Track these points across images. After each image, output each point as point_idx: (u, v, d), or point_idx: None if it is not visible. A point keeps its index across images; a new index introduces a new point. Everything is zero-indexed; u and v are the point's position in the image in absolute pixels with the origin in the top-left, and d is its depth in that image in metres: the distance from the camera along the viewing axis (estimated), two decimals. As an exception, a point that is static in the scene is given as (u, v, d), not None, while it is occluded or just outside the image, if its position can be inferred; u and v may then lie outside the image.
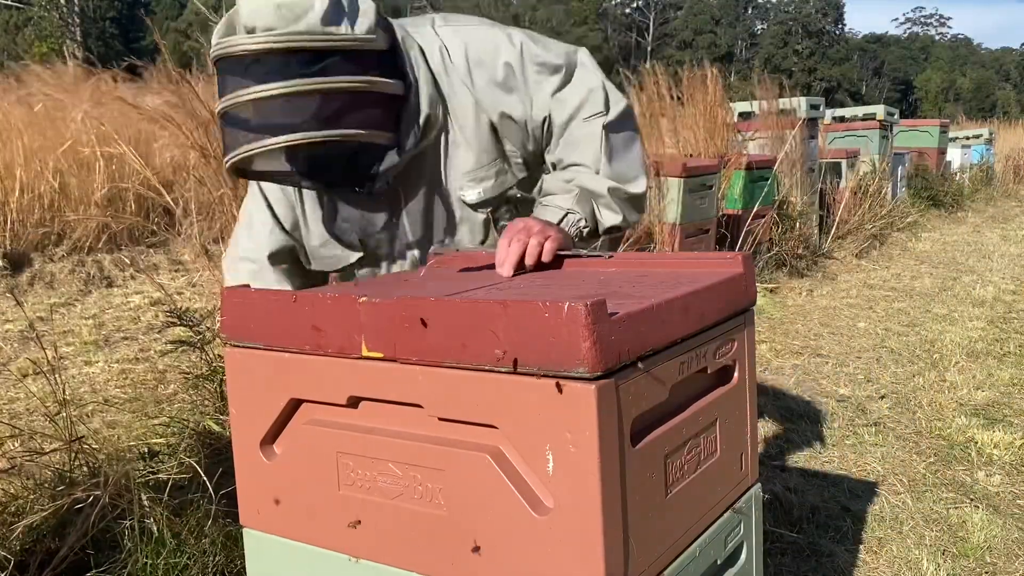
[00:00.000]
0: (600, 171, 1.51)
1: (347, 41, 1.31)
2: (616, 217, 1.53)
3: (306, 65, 1.29)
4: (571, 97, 1.52)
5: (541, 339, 0.88)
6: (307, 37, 1.28)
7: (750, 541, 1.22)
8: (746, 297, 1.19)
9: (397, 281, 1.35)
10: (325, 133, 1.31)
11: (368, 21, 1.34)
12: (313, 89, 1.29)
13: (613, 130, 1.52)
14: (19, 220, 5.34)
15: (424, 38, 1.49)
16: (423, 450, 0.99)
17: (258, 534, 1.16)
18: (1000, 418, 3.22)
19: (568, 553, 0.90)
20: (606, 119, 1.52)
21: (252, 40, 1.27)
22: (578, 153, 1.52)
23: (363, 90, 1.34)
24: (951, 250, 7.52)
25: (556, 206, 1.48)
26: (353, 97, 1.33)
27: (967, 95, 62.23)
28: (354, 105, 1.34)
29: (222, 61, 1.32)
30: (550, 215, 1.47)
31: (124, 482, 1.90)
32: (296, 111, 1.30)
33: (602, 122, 1.52)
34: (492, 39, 1.52)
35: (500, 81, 1.49)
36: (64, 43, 31.62)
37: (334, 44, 1.30)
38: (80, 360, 3.75)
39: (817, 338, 4.46)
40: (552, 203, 1.49)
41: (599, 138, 1.51)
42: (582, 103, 1.52)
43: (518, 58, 1.50)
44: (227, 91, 1.31)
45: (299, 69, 1.28)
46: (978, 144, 12.84)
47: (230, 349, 1.14)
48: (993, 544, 2.26)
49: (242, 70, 1.30)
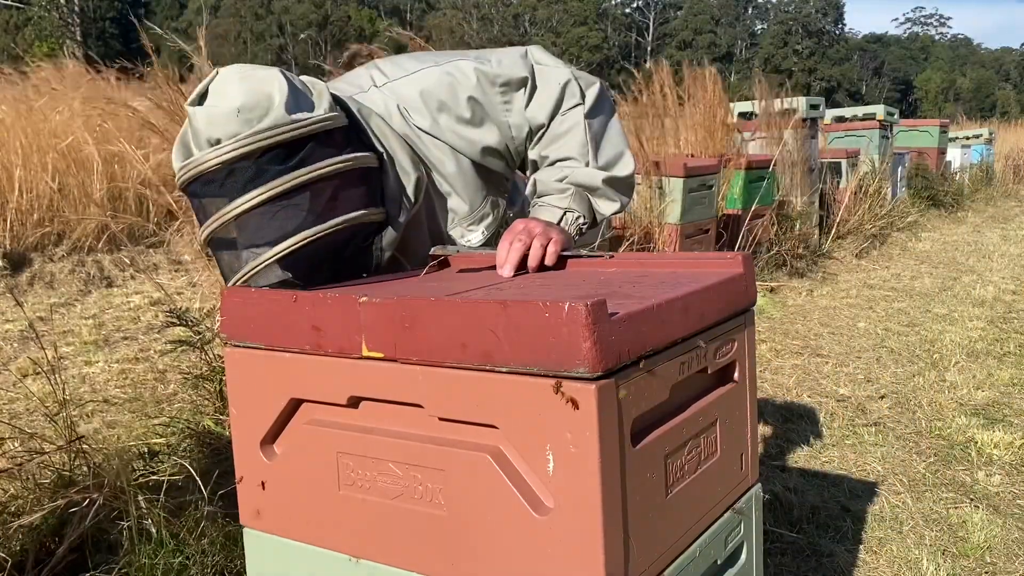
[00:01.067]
0: (590, 163, 1.48)
1: (316, 124, 1.24)
2: (613, 205, 1.52)
3: (284, 161, 1.21)
4: (545, 100, 1.48)
5: (541, 339, 0.88)
6: (278, 131, 1.19)
7: (750, 541, 1.22)
8: (746, 297, 1.19)
9: (397, 281, 1.34)
10: (327, 226, 1.24)
11: (326, 100, 1.29)
12: (301, 182, 1.21)
13: (592, 116, 1.49)
14: (19, 220, 5.34)
15: (376, 104, 1.44)
16: (423, 450, 0.99)
17: (258, 534, 1.16)
18: (1000, 418, 3.22)
19: (568, 553, 0.90)
20: (584, 107, 1.48)
21: (221, 151, 1.18)
22: (563, 147, 1.49)
23: (348, 169, 1.27)
24: (951, 250, 7.52)
25: (553, 206, 1.47)
26: (340, 180, 1.26)
27: (967, 95, 62.24)
28: (342, 189, 1.27)
29: (193, 184, 1.23)
30: (548, 215, 1.45)
31: (120, 483, 1.90)
32: (289, 212, 1.22)
33: (582, 112, 1.48)
34: (444, 81, 1.45)
35: (468, 119, 1.45)
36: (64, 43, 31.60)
37: (305, 131, 1.23)
38: (80, 360, 3.75)
39: (817, 338, 4.46)
40: (549, 203, 1.48)
41: (582, 129, 1.48)
42: (559, 101, 1.48)
43: (479, 89, 1.45)
44: (209, 214, 1.23)
45: (278, 167, 1.20)
46: (978, 144, 12.85)
47: (230, 349, 1.14)
48: (993, 544, 2.26)
49: (218, 187, 1.21)
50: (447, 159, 1.47)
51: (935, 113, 49.18)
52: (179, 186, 1.25)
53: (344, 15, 52.31)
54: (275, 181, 1.19)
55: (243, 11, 51.85)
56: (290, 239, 1.22)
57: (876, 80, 65.53)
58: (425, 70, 1.48)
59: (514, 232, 1.35)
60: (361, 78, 1.50)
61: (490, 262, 1.37)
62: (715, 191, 5.45)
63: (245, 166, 1.19)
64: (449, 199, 1.50)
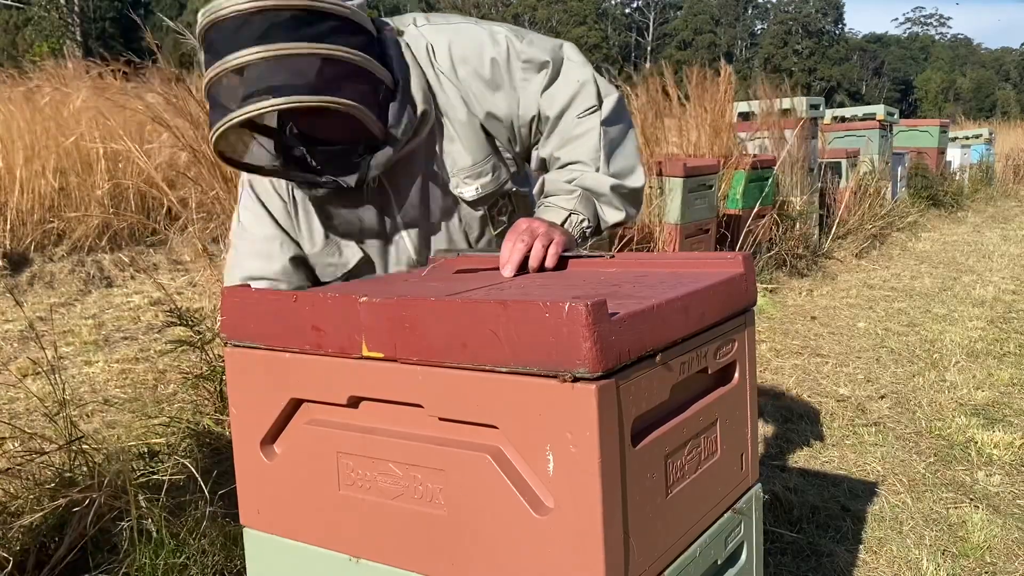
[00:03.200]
0: (600, 169, 1.49)
1: (344, 9, 1.27)
2: (619, 214, 1.52)
3: (301, 27, 1.23)
4: (560, 93, 1.49)
5: (541, 339, 0.88)
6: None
7: (750, 541, 1.22)
8: (746, 297, 1.19)
9: (397, 281, 1.34)
10: (322, 98, 1.24)
11: (360, 3, 1.31)
12: (311, 53, 1.22)
13: (609, 124, 1.50)
14: (19, 220, 5.34)
15: (409, 35, 1.47)
16: (423, 450, 0.99)
17: (258, 534, 1.16)
18: (1000, 418, 3.22)
19: (568, 553, 0.90)
20: (601, 114, 1.49)
21: (240, 2, 1.20)
22: (576, 150, 1.50)
23: (359, 64, 1.28)
24: (951, 250, 7.52)
25: (559, 207, 1.47)
26: (349, 68, 1.27)
27: (967, 95, 62.24)
28: (349, 77, 1.28)
29: (211, 30, 1.24)
30: (553, 216, 1.45)
31: (120, 483, 1.90)
32: (291, 74, 1.23)
33: (598, 118, 1.49)
34: (476, 37, 1.49)
35: (487, 79, 1.47)
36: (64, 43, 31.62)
37: (332, 9, 1.25)
38: (80, 360, 3.75)
39: (817, 338, 4.46)
40: (554, 204, 1.48)
41: (597, 135, 1.49)
42: (573, 97, 1.49)
43: (504, 55, 1.47)
44: (217, 59, 1.23)
45: (295, 31, 1.22)
46: (978, 144, 12.85)
47: (230, 349, 1.13)
48: (993, 544, 2.26)
49: (232, 34, 1.22)
50: (459, 107, 1.48)
51: (935, 113, 49.18)
52: (199, 30, 1.27)
53: (344, 15, 52.17)
54: (289, 43, 1.21)
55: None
56: (286, 96, 1.22)
57: (876, 80, 65.53)
58: (464, 24, 1.52)
59: (517, 232, 1.36)
60: (406, 18, 1.54)
61: (491, 264, 1.37)
62: (715, 191, 5.45)
63: (262, 20, 1.20)
64: (452, 146, 1.51)
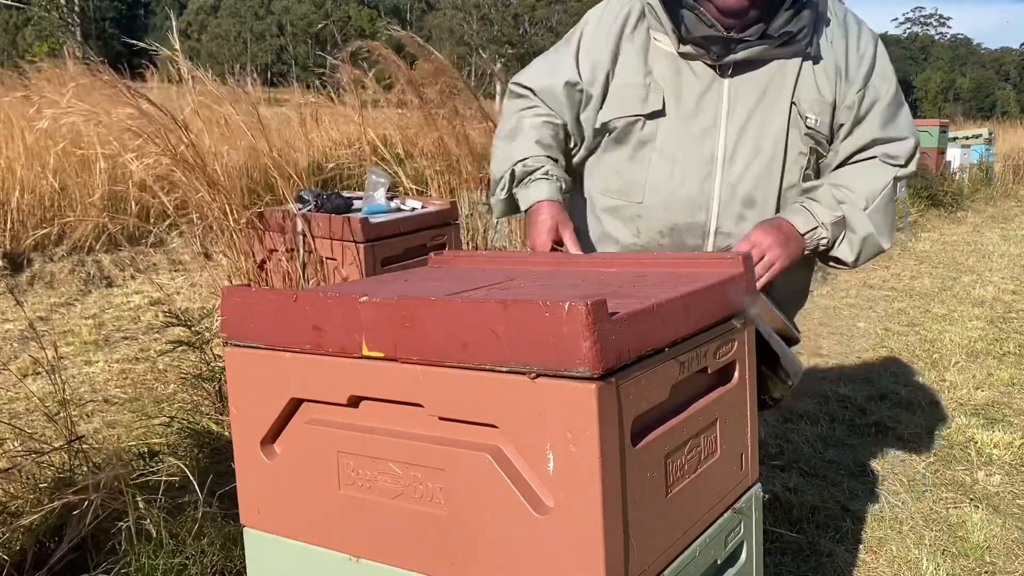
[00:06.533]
0: (867, 211, 1.56)
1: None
2: (850, 256, 1.58)
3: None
4: (892, 129, 1.58)
5: (542, 339, 0.88)
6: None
7: (750, 541, 1.22)
8: (746, 297, 1.19)
9: (398, 281, 1.35)
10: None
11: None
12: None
13: (894, 188, 1.59)
14: (19, 220, 5.34)
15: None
16: (424, 450, 0.99)
17: (258, 534, 1.16)
18: (1000, 418, 3.22)
19: (568, 553, 0.90)
20: (900, 173, 1.59)
21: None
22: (860, 182, 1.57)
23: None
24: (951, 250, 7.52)
25: (814, 215, 1.53)
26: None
27: (967, 95, 62.24)
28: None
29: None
30: (804, 221, 1.52)
31: (117, 484, 1.89)
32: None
33: (895, 173, 1.58)
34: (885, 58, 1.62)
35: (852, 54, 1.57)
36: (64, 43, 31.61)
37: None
38: (80, 360, 3.75)
39: (817, 338, 4.46)
40: (813, 210, 1.53)
41: (885, 185, 1.57)
42: (892, 140, 1.58)
43: (874, 58, 1.58)
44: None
45: None
46: (977, 144, 12.84)
47: (230, 349, 1.13)
48: (993, 544, 2.26)
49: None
50: (828, 49, 1.60)
51: (935, 113, 49.17)
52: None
53: (344, 15, 52.30)
54: None
55: (243, 11, 51.83)
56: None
57: (876, 80, 65.39)
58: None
59: (750, 242, 1.45)
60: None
61: (492, 264, 1.37)
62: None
63: None
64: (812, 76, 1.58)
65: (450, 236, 3.62)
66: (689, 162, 1.53)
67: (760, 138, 1.53)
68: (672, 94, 1.54)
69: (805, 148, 1.55)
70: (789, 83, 1.53)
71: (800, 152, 1.55)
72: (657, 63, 1.55)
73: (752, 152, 1.53)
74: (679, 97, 1.54)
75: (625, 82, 1.57)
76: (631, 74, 1.56)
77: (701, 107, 1.53)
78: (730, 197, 1.53)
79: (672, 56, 1.54)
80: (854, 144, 1.58)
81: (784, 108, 1.52)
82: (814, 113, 1.53)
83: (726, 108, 1.53)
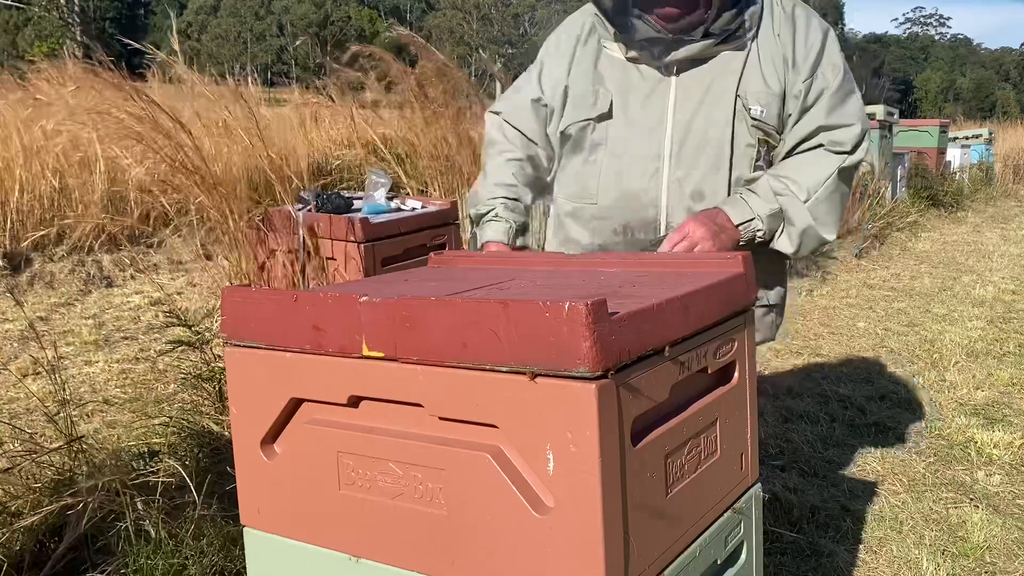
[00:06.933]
0: (808, 203, 1.55)
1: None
2: (790, 248, 1.58)
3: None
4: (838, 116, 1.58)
5: (542, 339, 0.88)
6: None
7: (750, 541, 1.22)
8: (746, 297, 1.19)
9: (398, 281, 1.35)
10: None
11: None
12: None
13: (842, 176, 1.58)
14: (19, 220, 5.33)
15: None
16: (424, 450, 0.99)
17: (259, 533, 1.16)
18: (1000, 418, 3.22)
19: (568, 553, 0.90)
20: (844, 162, 1.57)
21: None
22: (803, 173, 1.57)
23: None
24: (951, 250, 7.52)
25: (751, 206, 1.53)
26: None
27: (967, 95, 62.23)
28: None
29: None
30: (740, 212, 1.52)
31: (115, 485, 1.89)
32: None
33: (840, 162, 1.57)
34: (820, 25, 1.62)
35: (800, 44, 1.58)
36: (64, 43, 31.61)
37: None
38: (80, 360, 3.74)
39: (817, 338, 4.46)
40: (750, 201, 1.54)
41: (828, 175, 1.56)
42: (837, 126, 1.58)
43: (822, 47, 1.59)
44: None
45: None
46: (977, 144, 12.84)
47: (230, 349, 1.13)
48: (993, 544, 2.26)
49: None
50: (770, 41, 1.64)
51: (935, 113, 49.17)
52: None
53: (344, 15, 52.29)
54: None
55: (243, 11, 51.83)
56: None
57: (876, 80, 65.45)
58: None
59: (682, 233, 1.46)
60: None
61: (491, 264, 1.37)
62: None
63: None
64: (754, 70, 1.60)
65: (450, 236, 3.62)
66: (637, 160, 1.59)
67: (706, 132, 1.56)
68: (620, 97, 1.60)
69: (753, 140, 1.57)
70: (734, 77, 1.56)
71: (748, 144, 1.57)
72: (608, 70, 1.63)
73: (698, 147, 1.56)
74: (626, 99, 1.60)
75: (578, 91, 1.66)
76: (583, 82, 1.65)
77: (648, 107, 1.59)
78: (678, 192, 1.57)
79: (621, 62, 1.62)
80: (800, 133, 1.59)
81: (729, 101, 1.56)
82: (760, 104, 1.56)
83: (672, 106, 1.57)
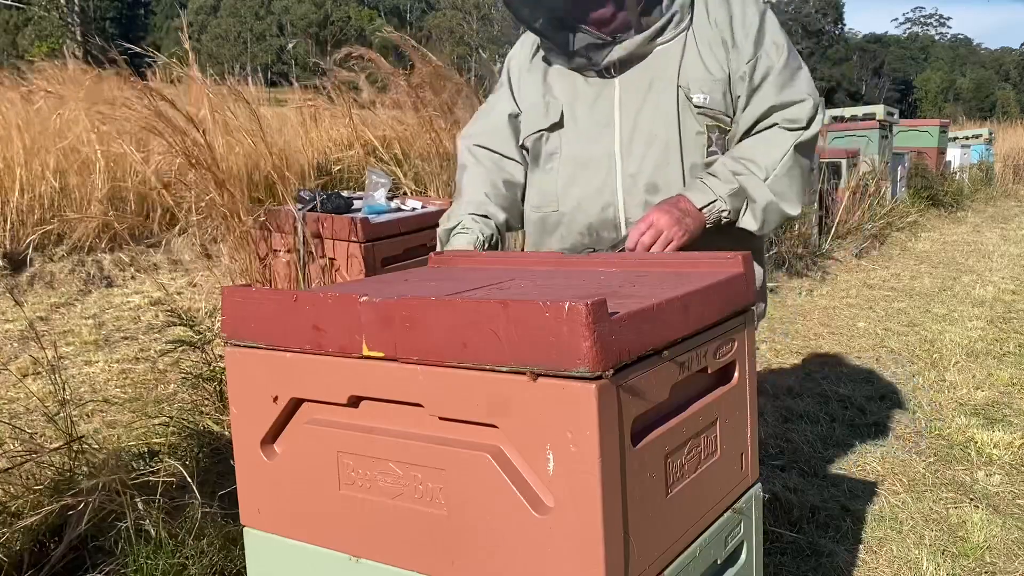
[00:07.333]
0: (767, 180, 1.56)
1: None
2: (755, 225, 1.59)
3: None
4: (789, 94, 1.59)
5: (542, 339, 0.88)
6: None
7: (750, 541, 1.22)
8: (746, 297, 1.19)
9: (397, 281, 1.35)
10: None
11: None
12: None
13: (799, 151, 1.59)
14: (19, 220, 5.33)
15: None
16: (424, 450, 0.99)
17: (259, 533, 1.16)
18: (1000, 418, 3.22)
19: (568, 553, 0.90)
20: (800, 138, 1.58)
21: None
22: (759, 152, 1.58)
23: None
24: (951, 250, 7.52)
25: (712, 189, 1.54)
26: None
27: (967, 95, 62.23)
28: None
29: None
30: (701, 196, 1.53)
31: (115, 485, 1.89)
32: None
33: (796, 138, 1.58)
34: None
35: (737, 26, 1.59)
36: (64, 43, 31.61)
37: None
38: (80, 360, 3.74)
39: (817, 338, 4.46)
40: (711, 184, 1.54)
41: (785, 152, 1.57)
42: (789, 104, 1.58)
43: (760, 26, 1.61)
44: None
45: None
46: (977, 144, 12.85)
47: (230, 349, 1.14)
48: (993, 544, 2.26)
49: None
50: (706, 28, 1.66)
51: (935, 113, 49.16)
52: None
53: (344, 15, 52.28)
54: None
55: (243, 11, 51.82)
56: None
57: (876, 80, 65.48)
58: None
59: (647, 222, 1.47)
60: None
61: (490, 263, 1.37)
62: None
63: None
64: (692, 58, 1.62)
65: (450, 236, 3.61)
66: (590, 162, 1.62)
67: (653, 126, 1.58)
68: (568, 105, 1.65)
69: (702, 127, 1.59)
70: (673, 68, 1.58)
71: (697, 132, 1.59)
72: (555, 82, 1.68)
73: (647, 141, 1.58)
74: (575, 106, 1.64)
75: (530, 104, 1.70)
76: (534, 95, 1.70)
77: (595, 111, 1.62)
78: (632, 187, 1.60)
79: (567, 73, 1.66)
80: (753, 114, 1.61)
81: (671, 93, 1.58)
82: (703, 92, 1.57)
83: (618, 106, 1.60)
